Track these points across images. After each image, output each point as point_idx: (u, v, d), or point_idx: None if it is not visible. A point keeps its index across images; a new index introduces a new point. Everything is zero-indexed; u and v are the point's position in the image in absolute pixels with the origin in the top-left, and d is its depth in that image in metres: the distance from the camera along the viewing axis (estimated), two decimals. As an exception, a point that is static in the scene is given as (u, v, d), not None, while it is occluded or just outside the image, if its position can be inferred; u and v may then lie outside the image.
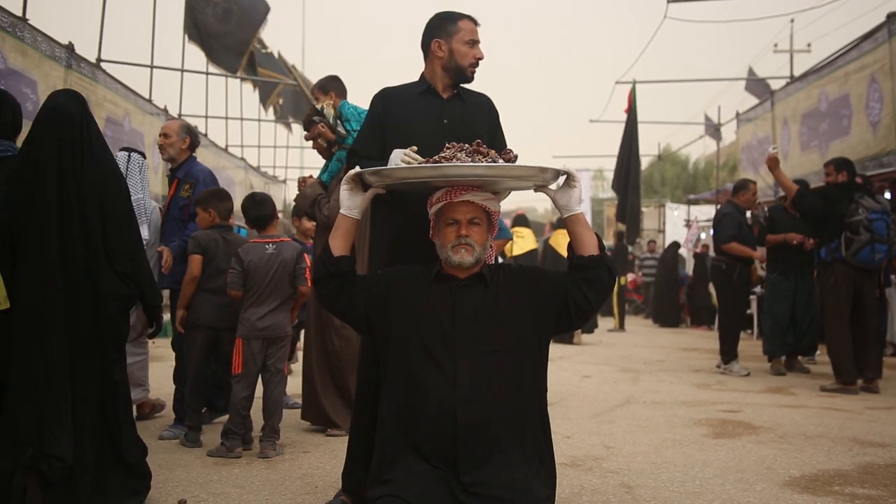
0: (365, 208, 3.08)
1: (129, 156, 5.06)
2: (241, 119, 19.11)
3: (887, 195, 9.51)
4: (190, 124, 5.61)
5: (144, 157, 5.15)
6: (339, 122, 5.08)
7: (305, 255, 4.75)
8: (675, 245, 17.97)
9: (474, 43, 3.36)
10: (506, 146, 3.30)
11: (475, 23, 3.39)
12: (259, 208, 4.69)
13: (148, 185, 5.20)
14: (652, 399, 6.63)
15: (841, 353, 7.09)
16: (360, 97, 5.11)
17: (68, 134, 3.28)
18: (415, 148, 2.97)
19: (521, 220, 13.26)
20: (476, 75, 3.42)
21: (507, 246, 12.03)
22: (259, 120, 20.66)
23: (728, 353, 8.48)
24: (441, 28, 3.37)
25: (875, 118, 9.66)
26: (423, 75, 3.44)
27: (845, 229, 7.01)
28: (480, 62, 3.38)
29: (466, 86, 3.48)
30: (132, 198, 5.00)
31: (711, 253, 11.05)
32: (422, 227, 3.11)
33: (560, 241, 12.68)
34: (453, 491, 2.74)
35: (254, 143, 21.29)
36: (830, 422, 5.56)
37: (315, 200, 5.03)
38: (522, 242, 12.21)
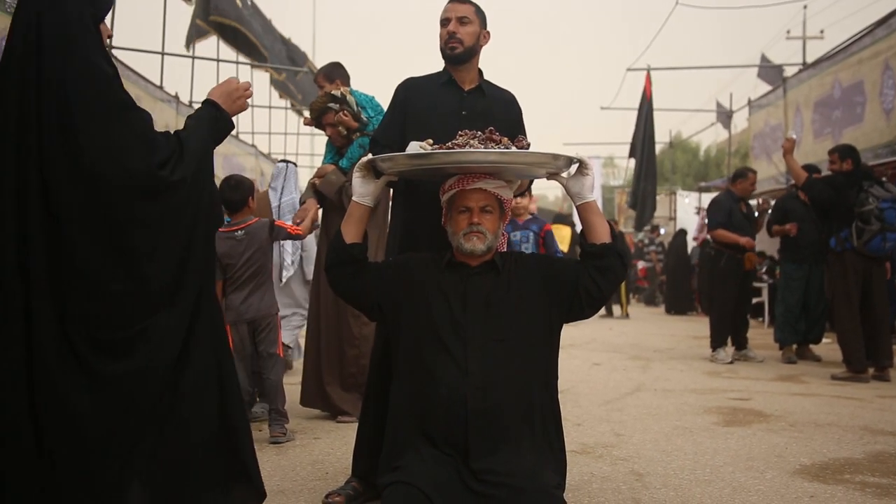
0: (378, 196, 3.08)
1: (287, 166, 6.23)
2: (252, 105, 19.09)
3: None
4: None
5: (296, 167, 6.34)
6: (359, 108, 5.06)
7: (278, 221, 4.85)
8: (683, 232, 17.92)
9: (446, 21, 3.37)
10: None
11: (454, 1, 3.39)
12: (233, 192, 4.69)
13: (297, 187, 6.26)
14: (662, 387, 6.63)
15: (851, 342, 7.08)
16: (368, 86, 5.11)
17: None
18: (430, 141, 2.97)
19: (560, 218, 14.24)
20: (484, 59, 3.41)
21: None
22: (270, 107, 20.64)
23: (715, 339, 8.48)
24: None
25: (889, 105, 9.60)
26: (445, 66, 3.45)
27: (856, 219, 6.97)
28: (459, 37, 3.34)
29: (492, 80, 3.49)
30: (287, 197, 6.10)
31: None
32: (436, 216, 3.12)
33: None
34: (463, 478, 2.75)
35: (265, 130, 21.30)
36: (841, 410, 5.55)
37: (342, 188, 5.01)
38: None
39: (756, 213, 8.98)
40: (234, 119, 2.80)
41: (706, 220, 11.24)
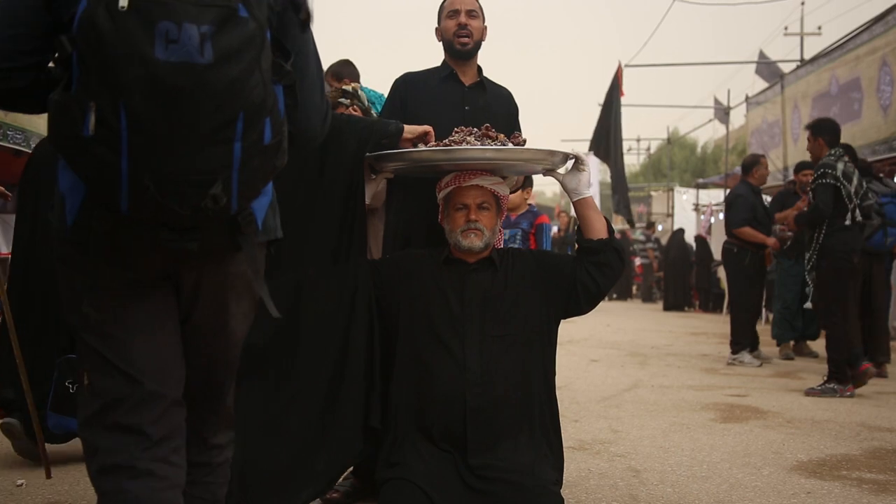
0: (375, 193, 3.08)
1: None
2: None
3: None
4: None
5: None
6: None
7: None
8: (681, 231, 17.93)
9: (454, 13, 3.33)
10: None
11: None
12: None
13: None
14: (659, 383, 6.63)
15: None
16: (374, 80, 5.09)
17: None
18: (445, 142, 2.96)
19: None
20: (482, 51, 3.38)
21: None
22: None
23: (738, 342, 8.03)
24: (438, 14, 3.41)
25: (886, 101, 9.61)
26: (444, 61, 3.44)
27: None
28: (470, 29, 3.31)
29: (491, 77, 3.48)
30: None
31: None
32: (433, 213, 3.11)
33: None
34: (461, 474, 2.75)
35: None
36: (838, 406, 5.56)
37: None
38: None
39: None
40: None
41: (712, 217, 10.99)
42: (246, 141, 1.54)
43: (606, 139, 13.72)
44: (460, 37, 3.32)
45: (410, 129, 2.98)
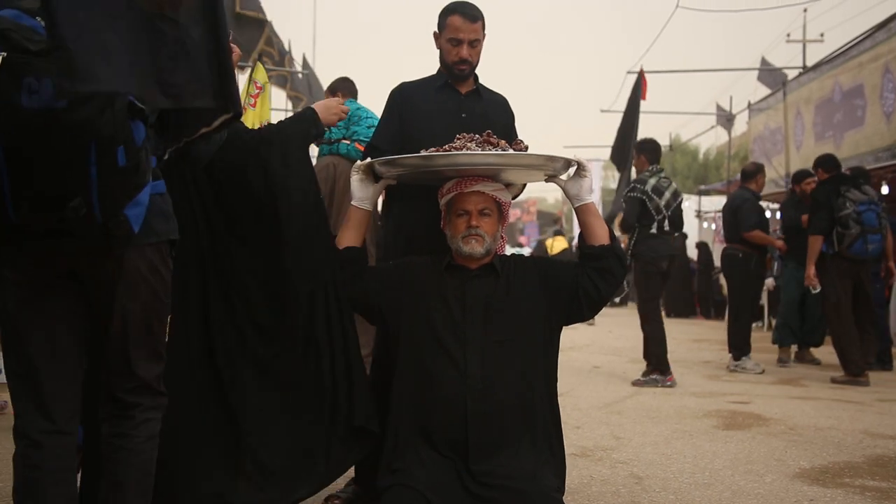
0: (376, 200, 3.08)
1: None
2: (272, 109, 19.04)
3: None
4: None
5: None
6: None
7: None
8: (683, 237, 17.87)
9: (458, 42, 3.26)
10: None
11: (466, 18, 3.25)
12: None
13: None
14: (661, 390, 6.62)
15: (847, 346, 7.07)
16: (366, 88, 5.08)
17: None
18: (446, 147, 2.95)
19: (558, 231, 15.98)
20: (481, 67, 3.38)
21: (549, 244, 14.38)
22: (272, 109, 20.58)
23: (740, 347, 7.97)
24: (439, 21, 3.35)
25: (889, 108, 9.60)
26: (440, 69, 3.42)
27: (836, 224, 6.95)
28: (470, 60, 3.27)
29: (486, 84, 3.47)
30: None
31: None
32: (434, 219, 3.11)
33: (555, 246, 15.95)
34: (463, 480, 2.75)
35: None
36: (841, 413, 5.54)
37: None
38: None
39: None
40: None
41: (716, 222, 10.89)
42: (100, 165, 1.90)
43: (624, 147, 13.80)
44: (460, 66, 3.31)
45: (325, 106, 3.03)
